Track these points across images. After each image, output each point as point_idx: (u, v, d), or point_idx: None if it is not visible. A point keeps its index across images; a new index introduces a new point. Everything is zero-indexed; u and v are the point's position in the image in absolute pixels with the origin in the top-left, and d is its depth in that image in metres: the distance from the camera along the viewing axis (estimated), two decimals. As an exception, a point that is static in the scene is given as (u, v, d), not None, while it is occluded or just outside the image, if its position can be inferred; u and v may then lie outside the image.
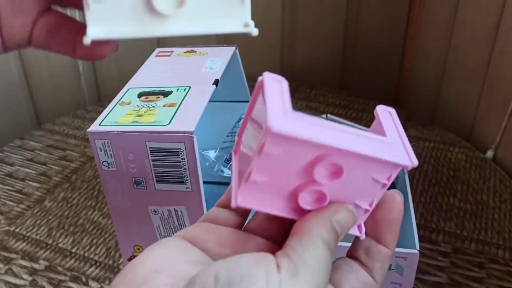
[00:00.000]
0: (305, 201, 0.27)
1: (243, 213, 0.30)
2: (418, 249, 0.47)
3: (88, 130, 0.47)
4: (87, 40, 0.26)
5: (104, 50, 0.29)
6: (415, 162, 0.26)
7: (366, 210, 0.28)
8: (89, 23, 0.26)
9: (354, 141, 0.25)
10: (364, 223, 0.29)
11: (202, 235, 0.28)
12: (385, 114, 0.31)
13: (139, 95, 0.52)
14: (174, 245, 0.27)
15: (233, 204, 0.26)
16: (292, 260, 0.24)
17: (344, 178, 0.26)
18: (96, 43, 0.28)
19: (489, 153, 0.82)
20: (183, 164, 0.46)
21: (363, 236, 0.29)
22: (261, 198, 0.26)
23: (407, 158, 0.26)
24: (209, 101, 0.50)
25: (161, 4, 0.25)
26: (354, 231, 0.28)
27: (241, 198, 0.26)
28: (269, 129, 0.23)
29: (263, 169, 0.25)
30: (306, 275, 0.23)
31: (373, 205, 0.28)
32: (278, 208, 0.27)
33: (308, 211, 0.27)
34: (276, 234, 0.29)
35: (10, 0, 0.29)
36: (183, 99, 0.50)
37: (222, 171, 0.56)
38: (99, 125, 0.47)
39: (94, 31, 0.26)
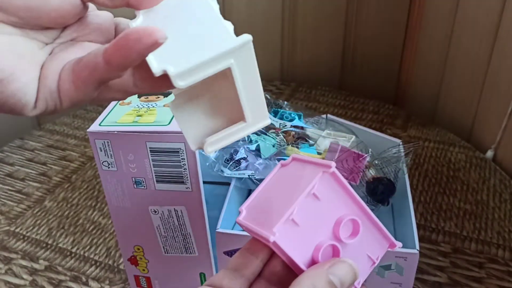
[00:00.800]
0: (323, 258, 0.29)
1: (250, 276, 0.30)
2: (418, 249, 0.47)
3: (88, 130, 0.47)
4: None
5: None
6: (400, 244, 0.32)
7: None
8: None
9: (370, 211, 0.31)
10: None
11: None
12: None
13: (139, 95, 0.52)
14: None
15: (271, 239, 0.28)
16: None
17: (354, 244, 0.30)
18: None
19: (489, 153, 0.82)
20: (183, 164, 0.46)
21: None
22: (292, 243, 0.28)
23: (396, 241, 0.32)
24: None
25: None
26: None
27: (278, 234, 0.28)
28: (330, 168, 0.29)
29: (302, 214, 0.28)
30: None
31: (360, 284, 0.31)
32: (300, 259, 0.29)
33: None
34: None
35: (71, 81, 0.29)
36: (183, 99, 0.50)
37: (222, 171, 0.56)
38: (99, 125, 0.47)
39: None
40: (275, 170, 0.33)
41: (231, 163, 0.56)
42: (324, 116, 0.66)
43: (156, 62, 0.26)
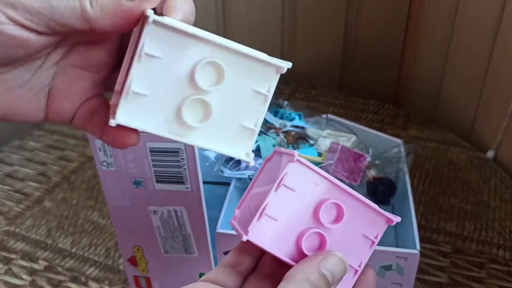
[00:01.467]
0: (306, 246, 0.29)
1: (244, 272, 0.31)
2: (419, 249, 0.47)
3: (87, 130, 0.46)
4: (112, 122, 0.27)
5: (126, 139, 0.29)
6: (398, 218, 0.31)
7: (356, 271, 0.30)
8: (120, 108, 0.27)
9: (353, 191, 0.30)
10: None
11: None
12: None
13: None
14: None
15: (244, 238, 0.28)
16: None
17: (342, 227, 0.29)
18: (119, 131, 0.28)
19: (490, 153, 0.82)
20: (183, 164, 0.46)
21: None
22: (270, 239, 0.29)
23: (392, 215, 0.31)
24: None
25: (189, 117, 0.28)
26: None
27: (251, 233, 0.28)
28: (294, 158, 0.28)
29: (276, 207, 0.29)
30: None
31: (362, 266, 0.30)
32: (283, 251, 0.29)
33: None
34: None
35: (61, 87, 0.30)
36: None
37: (222, 171, 0.56)
38: (99, 125, 0.47)
39: (123, 117, 0.27)
40: (262, 166, 0.33)
41: (231, 163, 0.56)
42: (324, 116, 0.66)
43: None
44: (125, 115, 0.27)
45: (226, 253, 0.50)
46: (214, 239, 0.50)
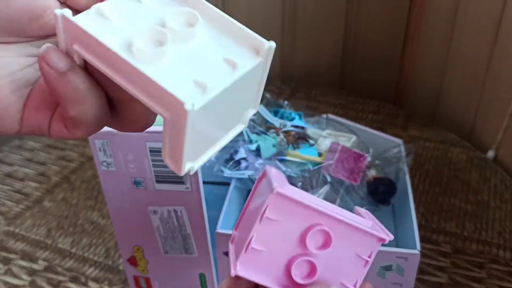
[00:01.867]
0: (297, 274, 0.29)
1: None
2: (419, 249, 0.46)
3: (87, 130, 0.46)
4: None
5: None
6: (391, 236, 0.30)
7: None
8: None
9: (342, 213, 0.30)
10: None
11: None
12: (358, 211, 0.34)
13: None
14: None
15: (232, 273, 0.29)
16: None
17: (332, 251, 0.29)
18: None
19: (490, 153, 0.82)
20: (183, 164, 0.46)
21: None
22: (260, 269, 0.29)
23: (384, 233, 0.31)
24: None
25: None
26: None
27: (240, 267, 0.29)
28: (274, 190, 0.28)
29: (263, 238, 0.29)
30: None
31: (358, 285, 0.31)
32: (275, 281, 0.30)
33: (300, 286, 0.30)
34: None
35: (34, 98, 0.27)
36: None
37: (222, 171, 0.56)
38: (99, 125, 0.47)
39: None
40: (256, 183, 0.33)
41: (231, 163, 0.56)
42: (324, 116, 0.66)
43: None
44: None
45: (226, 253, 0.50)
46: (214, 239, 0.50)
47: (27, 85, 0.27)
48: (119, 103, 0.27)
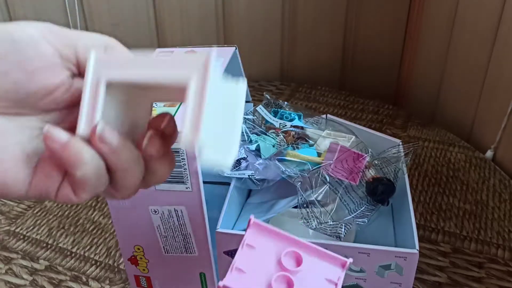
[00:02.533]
0: None
1: None
2: (418, 249, 0.47)
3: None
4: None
5: None
6: (351, 259, 0.35)
7: None
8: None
9: (308, 241, 0.36)
10: None
11: None
12: None
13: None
14: None
15: None
16: None
17: (305, 272, 0.34)
18: None
19: (489, 153, 0.83)
20: (183, 164, 0.46)
21: None
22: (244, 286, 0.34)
23: (343, 258, 0.35)
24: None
25: None
26: None
27: (225, 283, 0.33)
28: (250, 220, 0.35)
29: (245, 261, 0.35)
30: None
31: None
32: None
33: None
34: None
35: (44, 165, 0.28)
36: (183, 99, 0.50)
37: (222, 171, 0.57)
38: (100, 125, 0.47)
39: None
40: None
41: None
42: (324, 116, 0.66)
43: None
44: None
45: (226, 252, 0.50)
46: (214, 239, 0.50)
47: (35, 154, 0.28)
48: (115, 172, 0.28)
